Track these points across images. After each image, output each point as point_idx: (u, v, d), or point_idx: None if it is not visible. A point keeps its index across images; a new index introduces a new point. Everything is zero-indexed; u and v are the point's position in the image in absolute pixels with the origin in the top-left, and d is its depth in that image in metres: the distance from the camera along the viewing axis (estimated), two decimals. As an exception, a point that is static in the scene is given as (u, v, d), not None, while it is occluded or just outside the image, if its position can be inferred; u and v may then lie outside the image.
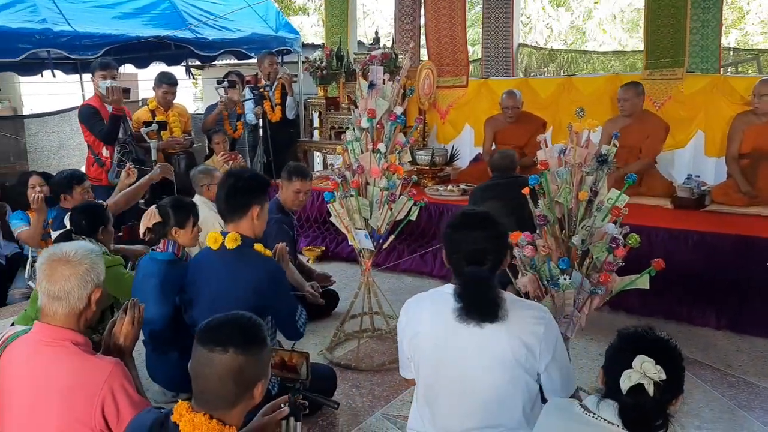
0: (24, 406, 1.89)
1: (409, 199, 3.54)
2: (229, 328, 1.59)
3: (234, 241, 2.70)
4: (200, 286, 2.82)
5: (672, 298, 4.15)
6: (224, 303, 2.57)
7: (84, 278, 1.94)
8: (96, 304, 1.98)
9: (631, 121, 5.02)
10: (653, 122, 5.10)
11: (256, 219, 2.78)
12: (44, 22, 5.29)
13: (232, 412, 1.58)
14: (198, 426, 1.52)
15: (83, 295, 1.94)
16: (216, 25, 6.66)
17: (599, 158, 2.67)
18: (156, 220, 3.11)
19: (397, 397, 3.26)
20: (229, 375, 1.53)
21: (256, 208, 2.76)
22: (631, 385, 1.56)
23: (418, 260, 5.24)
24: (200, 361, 1.56)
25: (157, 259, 3.15)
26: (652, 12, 5.53)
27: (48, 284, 1.92)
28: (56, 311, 1.93)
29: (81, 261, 1.95)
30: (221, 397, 1.56)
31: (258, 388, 1.60)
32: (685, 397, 1.68)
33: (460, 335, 1.99)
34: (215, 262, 2.77)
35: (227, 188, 2.77)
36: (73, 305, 1.93)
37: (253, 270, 2.72)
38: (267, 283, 2.73)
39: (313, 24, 16.62)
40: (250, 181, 2.80)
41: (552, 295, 2.64)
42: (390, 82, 3.65)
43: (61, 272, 1.92)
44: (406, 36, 7.18)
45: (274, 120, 6.34)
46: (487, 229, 2.03)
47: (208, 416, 1.54)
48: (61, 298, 1.92)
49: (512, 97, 5.61)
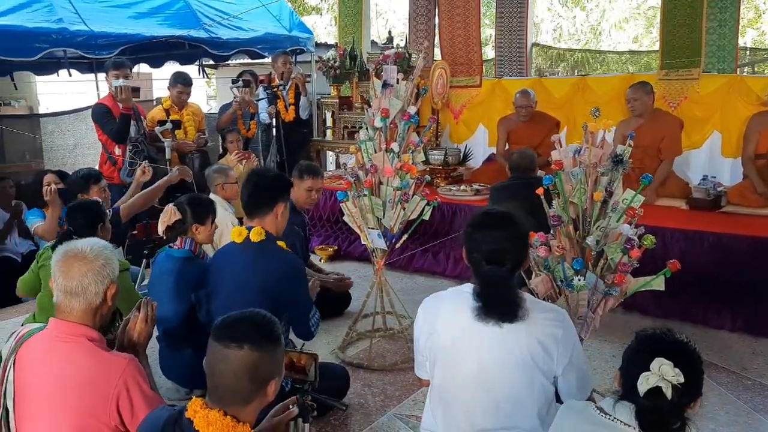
0: (40, 401, 1.91)
1: (422, 198, 3.53)
2: (244, 324, 1.60)
3: (259, 234, 2.79)
4: (222, 277, 2.88)
5: (687, 300, 4.12)
6: (244, 293, 2.69)
7: (100, 274, 1.96)
8: (111, 299, 2.00)
9: (644, 120, 4.98)
10: (667, 121, 5.06)
11: (280, 216, 2.89)
12: (60, 22, 5.33)
13: (246, 408, 1.59)
14: (212, 422, 1.52)
15: (99, 290, 1.96)
16: (230, 25, 6.68)
17: (614, 158, 2.66)
18: (176, 217, 3.14)
19: (410, 396, 3.25)
20: (244, 371, 1.54)
21: (280, 206, 2.87)
22: (649, 387, 1.54)
23: (431, 260, 5.24)
24: (215, 357, 1.57)
25: (173, 256, 3.17)
26: (668, 11, 5.48)
27: (64, 280, 1.94)
28: (73, 307, 1.95)
29: (97, 257, 1.97)
30: (236, 393, 1.56)
31: (271, 386, 1.61)
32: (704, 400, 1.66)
33: (477, 335, 1.98)
34: (238, 255, 2.85)
35: (253, 186, 2.89)
36: (90, 300, 1.95)
37: (276, 262, 2.81)
38: (288, 277, 2.80)
39: (327, 24, 16.64)
40: (276, 179, 2.95)
41: (566, 296, 2.63)
42: (403, 82, 3.64)
43: (77, 268, 1.94)
44: (420, 35, 7.17)
45: (288, 120, 6.36)
46: (507, 229, 2.02)
47: (222, 413, 1.55)
48: (78, 294, 1.94)
49: (526, 97, 5.58)
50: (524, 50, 7.41)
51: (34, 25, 5.16)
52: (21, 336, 2.01)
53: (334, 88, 6.91)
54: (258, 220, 2.86)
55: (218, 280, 2.91)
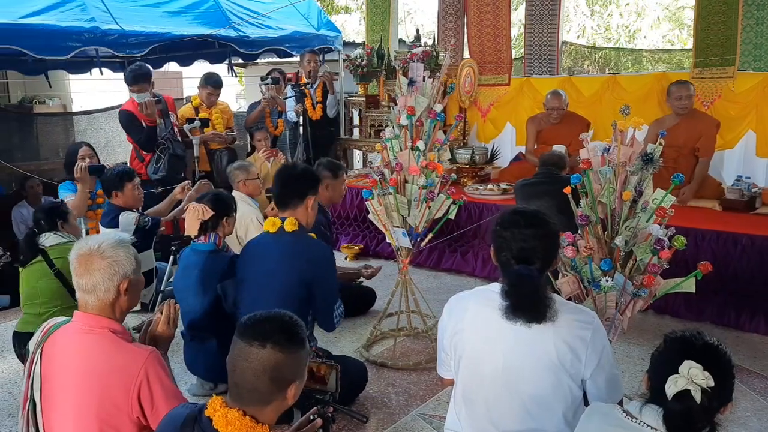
0: (66, 393, 1.94)
1: (448, 197, 3.50)
2: (269, 324, 1.59)
3: (293, 224, 2.91)
4: (254, 266, 2.95)
5: (720, 303, 4.04)
6: (277, 280, 2.80)
7: (108, 271, 1.97)
8: (126, 293, 2.01)
9: (679, 120, 4.89)
10: (704, 120, 4.96)
11: (310, 209, 2.99)
12: (93, 21, 5.41)
13: (265, 409, 1.58)
14: (231, 422, 1.52)
15: (110, 287, 1.98)
16: (258, 24, 6.72)
17: (644, 157, 2.60)
18: (210, 214, 3.21)
19: (433, 396, 3.23)
20: (265, 371, 1.53)
21: (311, 198, 2.98)
22: (677, 390, 1.50)
23: (458, 259, 5.21)
24: (238, 355, 1.56)
25: (198, 250, 3.23)
26: (702, 9, 5.37)
27: (77, 278, 1.98)
28: (88, 302, 1.98)
29: (104, 254, 1.98)
30: (256, 392, 1.56)
31: (292, 389, 1.59)
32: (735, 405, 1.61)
33: (504, 335, 1.95)
34: (271, 243, 2.94)
35: (285, 179, 3.01)
36: (102, 297, 1.98)
37: (308, 249, 2.91)
38: (319, 264, 2.91)
39: (355, 22, 16.68)
40: (306, 172, 3.07)
41: (593, 297, 2.58)
42: (430, 80, 3.62)
43: (86, 267, 1.97)
44: (449, 34, 7.13)
45: (315, 118, 6.38)
46: (537, 227, 1.97)
47: (241, 412, 1.54)
48: (90, 291, 1.97)
49: (557, 98, 5.51)
50: (555, 48, 7.33)
51: (67, 25, 5.25)
52: (47, 329, 2.04)
53: (362, 87, 6.92)
54: (290, 212, 2.96)
55: (250, 268, 2.98)
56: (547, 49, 7.36)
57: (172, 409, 1.75)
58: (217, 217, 3.24)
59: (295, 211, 2.96)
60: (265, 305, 2.75)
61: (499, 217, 2.07)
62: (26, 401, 2.00)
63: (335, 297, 3.01)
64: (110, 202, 4.27)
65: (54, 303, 3.37)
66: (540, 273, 1.96)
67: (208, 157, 5.80)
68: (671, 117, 4.96)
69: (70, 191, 4.60)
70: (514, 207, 2.14)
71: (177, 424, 1.63)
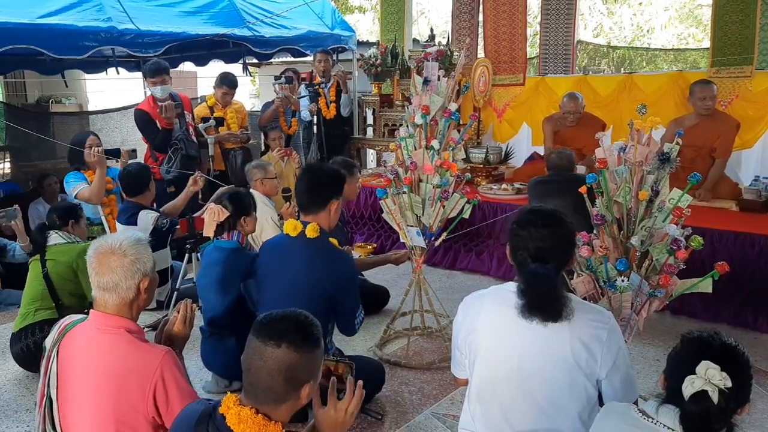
0: (82, 391, 1.95)
1: (462, 196, 3.50)
2: (285, 323, 1.59)
3: (315, 231, 2.86)
4: (277, 269, 2.93)
5: (737, 304, 4.01)
6: (297, 289, 2.78)
7: (130, 269, 1.98)
8: (146, 291, 2.03)
9: (699, 120, 4.83)
10: (723, 121, 4.90)
11: (333, 213, 2.94)
12: (109, 21, 5.45)
13: (279, 408, 1.58)
14: (244, 419, 1.52)
15: (131, 285, 1.99)
16: (273, 23, 6.74)
17: (661, 157, 2.58)
18: (226, 215, 3.24)
19: (447, 395, 3.23)
20: (280, 371, 1.53)
21: (334, 202, 2.92)
22: (694, 391, 1.49)
23: (473, 259, 5.20)
24: (253, 353, 1.57)
25: (222, 248, 3.25)
26: (719, 8, 5.32)
27: (97, 277, 1.98)
28: (107, 302, 1.99)
29: (126, 252, 1.99)
30: (270, 391, 1.56)
31: (306, 388, 1.59)
32: (752, 407, 1.60)
33: (519, 334, 1.95)
34: (294, 249, 2.90)
35: (309, 182, 2.94)
36: (123, 296, 1.98)
37: (332, 262, 2.87)
38: (341, 278, 2.87)
39: (369, 22, 16.69)
40: (331, 175, 2.97)
41: (608, 297, 2.56)
42: (444, 79, 3.61)
43: (107, 264, 1.97)
44: (463, 33, 7.12)
45: (329, 117, 6.40)
46: (554, 226, 1.97)
47: (254, 410, 1.55)
48: (111, 289, 1.97)
49: (574, 101, 5.43)
50: (571, 47, 7.30)
51: (84, 24, 5.29)
52: (63, 327, 2.06)
53: (375, 86, 6.92)
54: (312, 216, 2.92)
55: (269, 271, 2.97)
56: (562, 48, 7.34)
57: (187, 405, 1.76)
58: (235, 217, 3.26)
59: (317, 216, 2.91)
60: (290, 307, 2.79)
61: (515, 216, 2.07)
62: (43, 398, 2.02)
63: (357, 306, 2.99)
64: (127, 199, 4.30)
65: (34, 304, 3.46)
66: (556, 272, 1.95)
67: (223, 156, 5.83)
68: (691, 116, 4.91)
69: (79, 179, 4.63)
70: (530, 206, 2.13)
71: (192, 421, 1.64)
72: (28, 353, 3.37)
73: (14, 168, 7.81)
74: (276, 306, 2.80)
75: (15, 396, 3.29)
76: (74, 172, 4.71)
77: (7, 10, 4.97)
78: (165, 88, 5.11)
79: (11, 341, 3.50)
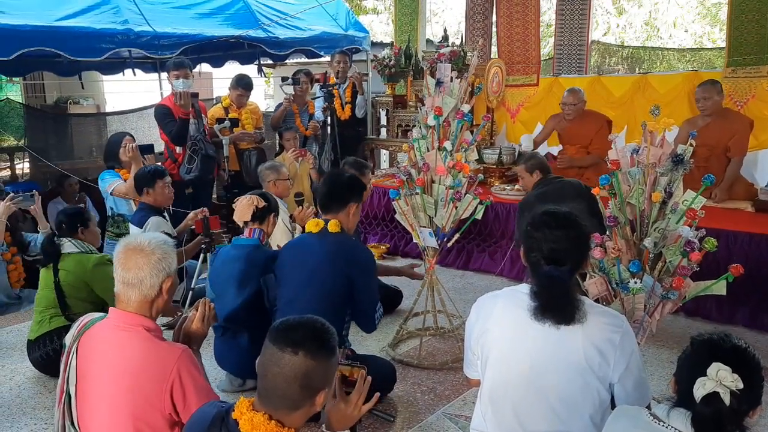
0: (100, 387, 1.99)
1: (475, 197, 3.50)
2: (302, 330, 1.59)
3: (336, 226, 3.02)
4: (297, 263, 3.03)
5: (753, 306, 3.98)
6: (316, 279, 2.89)
7: (156, 267, 2.02)
8: (167, 293, 2.07)
9: (711, 120, 4.81)
10: (736, 119, 4.88)
11: (352, 216, 3.10)
12: (126, 23, 5.52)
13: (292, 415, 1.58)
14: (257, 426, 1.53)
15: (155, 283, 2.02)
16: (287, 25, 6.78)
17: (675, 158, 2.57)
18: (264, 204, 3.32)
19: (459, 396, 3.23)
20: (296, 378, 1.54)
21: (352, 205, 3.09)
22: (706, 393, 1.49)
23: (486, 259, 5.20)
24: (269, 360, 1.57)
25: (242, 245, 3.30)
26: (735, 7, 5.28)
27: (123, 271, 2.02)
28: (130, 297, 2.03)
29: (154, 250, 2.03)
30: (285, 398, 1.56)
31: (321, 396, 1.60)
32: (764, 409, 1.59)
33: (531, 336, 1.96)
34: (315, 243, 3.04)
35: (330, 184, 3.16)
36: (146, 293, 2.02)
37: (352, 251, 3.01)
38: (362, 269, 3.00)
39: (383, 23, 16.70)
40: (351, 181, 3.20)
41: (621, 298, 2.56)
42: (457, 80, 3.62)
43: (134, 261, 2.02)
44: (476, 34, 7.12)
45: (344, 118, 6.42)
46: (569, 228, 1.97)
47: (267, 416, 1.55)
48: (135, 285, 2.01)
49: (572, 94, 5.47)
50: (585, 48, 7.27)
51: (101, 27, 5.36)
52: (83, 325, 2.10)
53: (389, 87, 6.94)
54: (332, 215, 3.07)
55: (290, 266, 3.06)
56: (576, 49, 7.31)
57: (201, 407, 1.78)
58: (267, 212, 3.34)
59: (337, 216, 3.06)
60: (305, 303, 2.85)
61: (530, 218, 2.07)
62: (62, 394, 2.07)
63: (376, 300, 3.08)
64: (141, 200, 4.35)
65: (49, 311, 3.45)
66: (570, 275, 1.95)
67: (238, 156, 5.88)
68: (703, 117, 4.88)
69: (114, 177, 4.74)
70: (545, 208, 2.13)
71: (205, 424, 1.65)
72: (48, 360, 3.38)
73: (33, 168, 7.91)
74: (294, 298, 2.95)
75: (33, 394, 3.34)
76: (109, 170, 4.82)
77: (26, 12, 5.05)
78: (186, 82, 5.14)
79: (28, 349, 3.50)
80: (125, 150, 4.66)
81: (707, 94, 4.78)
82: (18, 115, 7.54)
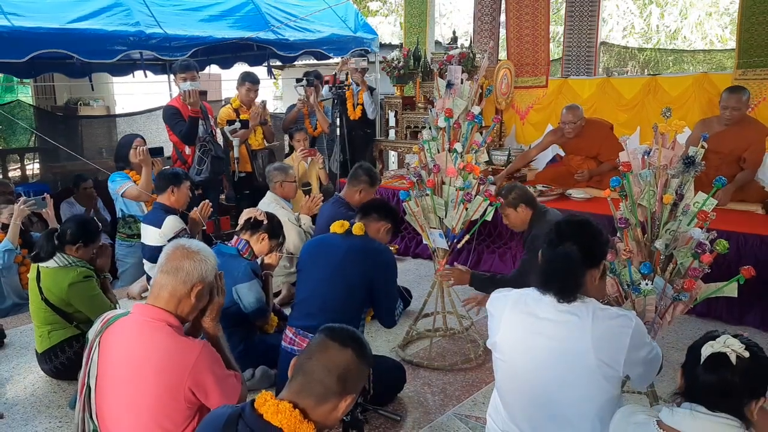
0: (121, 381, 2.03)
1: (485, 199, 3.51)
2: (350, 333, 1.68)
3: (360, 229, 3.16)
4: (318, 260, 3.12)
5: (764, 308, 3.97)
6: (341, 277, 2.98)
7: (195, 265, 2.10)
8: (195, 297, 2.11)
9: (726, 127, 4.73)
10: (754, 128, 4.75)
11: (381, 233, 3.26)
12: (137, 25, 5.56)
13: (318, 408, 1.59)
14: (281, 411, 1.55)
15: (188, 279, 2.08)
16: (297, 27, 6.82)
17: (686, 160, 2.57)
18: (262, 218, 3.43)
19: (469, 397, 3.24)
20: (338, 368, 1.58)
21: (384, 225, 3.26)
22: (713, 352, 1.54)
23: (497, 260, 5.21)
24: (317, 346, 1.63)
25: (221, 252, 3.34)
26: (746, 9, 5.26)
27: (166, 261, 2.12)
28: (163, 287, 2.09)
29: (199, 251, 2.14)
30: (320, 385, 1.58)
31: (347, 400, 1.62)
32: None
33: (540, 338, 1.98)
34: (341, 243, 3.13)
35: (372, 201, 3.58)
36: (177, 287, 2.08)
37: (374, 249, 3.13)
38: (383, 263, 3.12)
39: (390, 23, 16.74)
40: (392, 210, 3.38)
41: (632, 300, 2.56)
42: (468, 82, 3.63)
43: (179, 253, 2.12)
44: (485, 35, 7.12)
45: (354, 118, 6.45)
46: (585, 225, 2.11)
47: (292, 405, 1.58)
48: (170, 273, 2.09)
49: (572, 112, 5.37)
50: (594, 49, 7.27)
51: (113, 29, 5.41)
52: (106, 320, 2.15)
53: (398, 88, 6.95)
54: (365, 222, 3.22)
55: (310, 262, 3.14)
56: (585, 50, 7.31)
57: (214, 409, 1.79)
58: (261, 226, 3.42)
59: (369, 224, 3.20)
60: (326, 299, 2.94)
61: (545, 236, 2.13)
62: (83, 387, 2.11)
63: (396, 298, 3.21)
64: (157, 200, 4.37)
65: (46, 327, 3.40)
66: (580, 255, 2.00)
67: (250, 157, 5.90)
68: (718, 120, 4.81)
69: (125, 179, 4.77)
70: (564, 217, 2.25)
71: (219, 425, 1.65)
72: (62, 369, 3.39)
73: (43, 169, 7.97)
74: (313, 293, 3.01)
75: (47, 392, 3.37)
76: (119, 172, 4.85)
77: (38, 15, 5.10)
78: (194, 84, 5.18)
79: (38, 359, 3.48)
80: (136, 152, 4.69)
81: (738, 105, 4.63)
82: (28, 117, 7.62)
